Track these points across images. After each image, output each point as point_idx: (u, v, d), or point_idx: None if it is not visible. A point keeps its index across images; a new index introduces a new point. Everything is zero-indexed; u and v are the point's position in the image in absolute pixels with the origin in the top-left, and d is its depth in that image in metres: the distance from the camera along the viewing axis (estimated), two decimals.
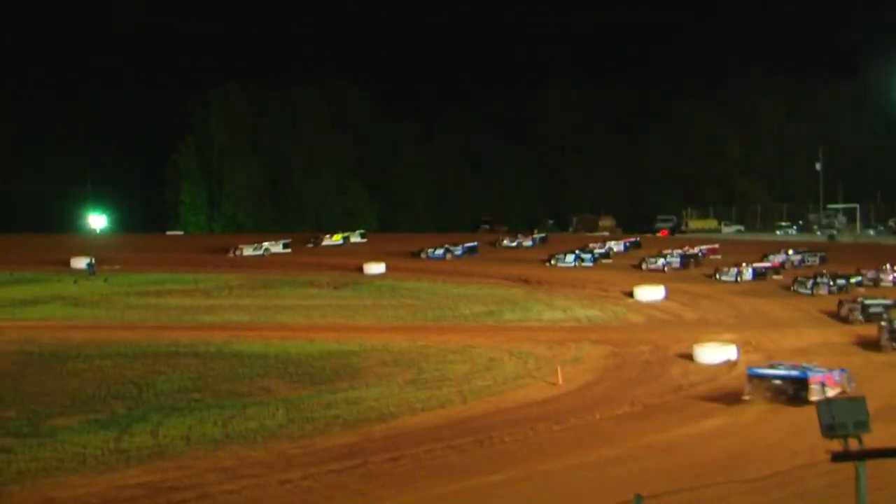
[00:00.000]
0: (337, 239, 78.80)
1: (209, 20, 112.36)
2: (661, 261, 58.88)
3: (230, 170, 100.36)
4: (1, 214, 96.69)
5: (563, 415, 26.26)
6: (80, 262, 64.21)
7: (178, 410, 26.46)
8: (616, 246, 68.08)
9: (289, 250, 73.03)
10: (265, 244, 73.85)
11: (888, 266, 49.75)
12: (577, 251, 64.15)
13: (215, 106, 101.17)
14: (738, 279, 52.48)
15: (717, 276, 53.17)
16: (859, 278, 48.44)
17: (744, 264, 54.21)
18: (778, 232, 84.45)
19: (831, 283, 46.87)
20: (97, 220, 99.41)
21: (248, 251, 72.54)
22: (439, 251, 69.30)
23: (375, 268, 61.25)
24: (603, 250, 65.36)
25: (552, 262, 62.82)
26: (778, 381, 26.92)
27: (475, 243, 71.76)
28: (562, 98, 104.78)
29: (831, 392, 26.13)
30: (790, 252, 59.41)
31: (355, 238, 79.76)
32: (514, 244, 73.59)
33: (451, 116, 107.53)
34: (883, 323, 34.53)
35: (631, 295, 47.90)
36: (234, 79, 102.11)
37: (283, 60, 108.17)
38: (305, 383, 30.16)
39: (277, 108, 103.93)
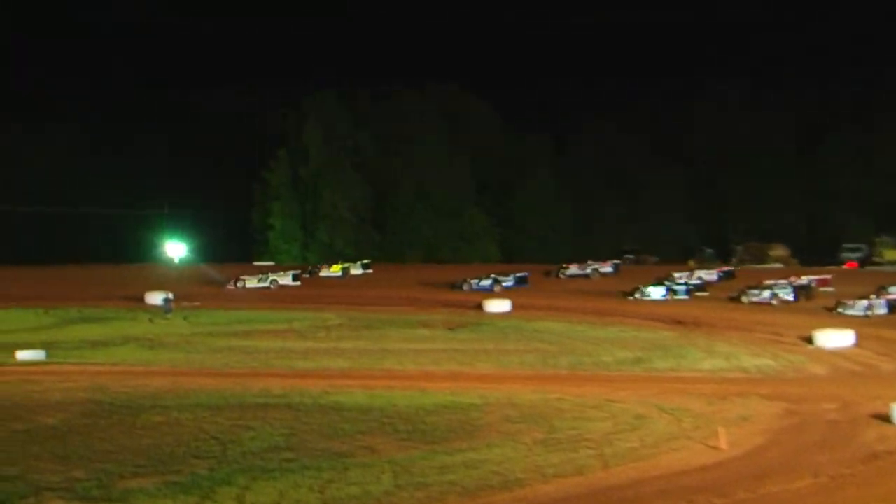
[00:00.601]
0: (336, 270, 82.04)
1: (300, 20, 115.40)
2: (765, 293, 59.28)
3: (327, 189, 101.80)
4: (67, 242, 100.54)
5: (727, 486, 25.43)
6: (155, 298, 66.16)
7: (267, 472, 26.64)
8: (707, 276, 69.40)
9: (298, 283, 76.19)
10: (271, 276, 76.76)
11: None
12: (665, 282, 65.21)
13: (310, 115, 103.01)
14: (869, 313, 52.98)
15: (840, 310, 53.88)
16: None
17: (872, 296, 54.46)
18: None
19: None
20: (175, 249, 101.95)
21: (251, 283, 75.45)
22: (486, 282, 71.12)
23: (498, 305, 61.31)
24: (697, 281, 66.70)
25: (636, 295, 64.23)
26: None
27: (525, 273, 73.30)
28: (720, 104, 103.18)
29: None
30: None
31: (356, 269, 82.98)
32: (585, 272, 75.71)
33: (586, 127, 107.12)
34: None
35: (809, 340, 46.78)
36: (330, 85, 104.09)
37: (386, 64, 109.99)
38: (416, 442, 30.03)
39: (382, 118, 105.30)
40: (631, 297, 64.13)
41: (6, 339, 50.98)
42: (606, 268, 76.85)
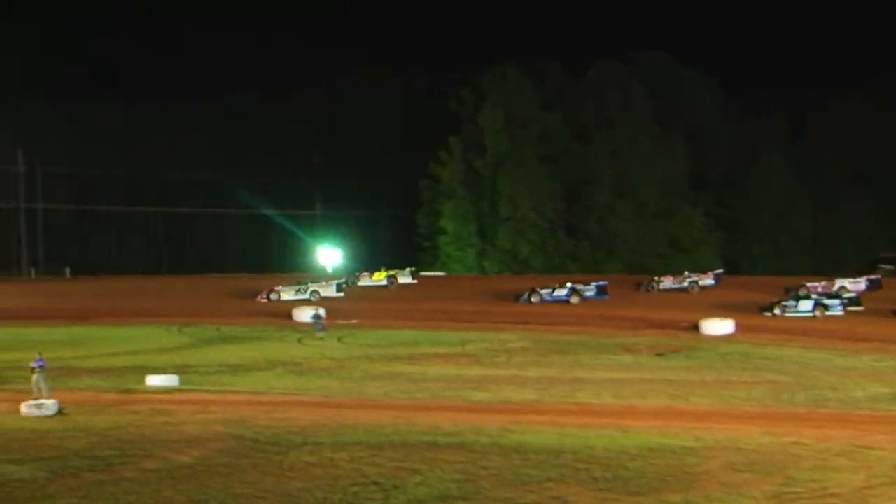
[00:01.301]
0: (379, 278, 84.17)
1: None
2: None
3: (508, 185, 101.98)
4: (204, 248, 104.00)
5: None
6: (305, 314, 67.61)
7: None
8: (852, 285, 71.62)
9: (342, 294, 78.64)
10: (311, 286, 79.08)
11: None
12: (813, 296, 67.38)
13: (488, 95, 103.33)
14: None
15: None
16: None
17: None
18: None
19: None
20: (329, 256, 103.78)
21: (287, 294, 77.60)
22: (562, 292, 73.60)
23: (718, 326, 60.37)
24: (852, 294, 68.49)
25: (775, 311, 66.11)
26: None
27: (604, 282, 76.48)
28: None
29: None
30: None
31: (404, 277, 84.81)
32: (682, 285, 78.55)
33: (832, 105, 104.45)
34: None
35: None
36: (513, 58, 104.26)
37: (581, 31, 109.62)
38: (617, 493, 29.72)
39: (575, 98, 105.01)
40: (769, 314, 66.52)
41: (135, 362, 52.84)
42: (707, 280, 79.81)
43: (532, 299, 74.05)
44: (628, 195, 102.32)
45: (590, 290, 74.34)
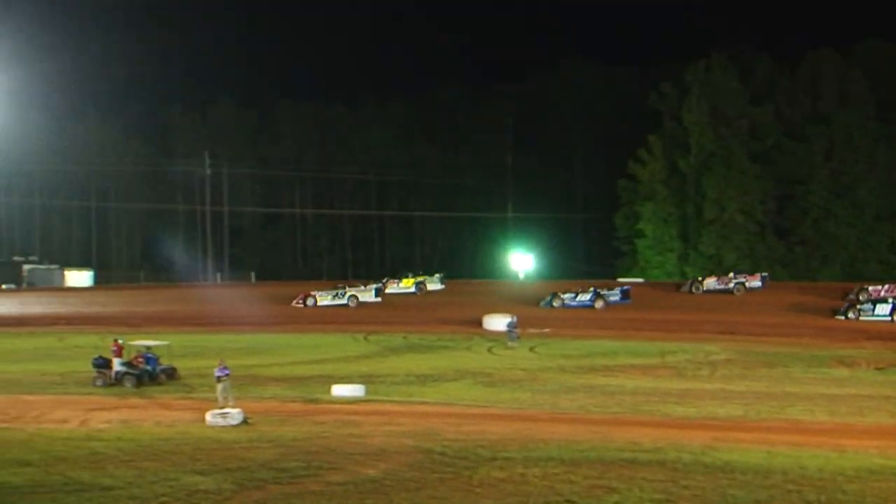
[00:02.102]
0: (408, 285, 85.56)
1: None
2: None
3: (714, 185, 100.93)
4: (387, 252, 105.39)
5: None
6: (497, 322, 67.98)
7: None
8: None
9: (379, 299, 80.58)
10: (349, 290, 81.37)
11: None
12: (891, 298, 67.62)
13: (692, 88, 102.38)
14: None
15: None
16: None
17: None
18: None
19: None
20: (521, 261, 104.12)
21: (324, 300, 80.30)
22: (585, 296, 76.20)
23: None
24: None
25: (849, 314, 68.32)
26: None
27: (627, 286, 79.18)
28: None
29: None
30: None
31: (434, 284, 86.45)
32: (727, 286, 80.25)
33: None
34: None
35: None
36: (719, 47, 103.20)
37: (791, 21, 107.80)
38: None
39: (787, 92, 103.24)
40: (841, 317, 67.87)
41: (321, 370, 54.00)
42: (755, 281, 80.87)
43: (554, 303, 76.45)
44: (846, 196, 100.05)
45: (614, 295, 76.80)
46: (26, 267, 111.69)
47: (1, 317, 79.52)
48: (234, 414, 38.63)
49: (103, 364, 49.79)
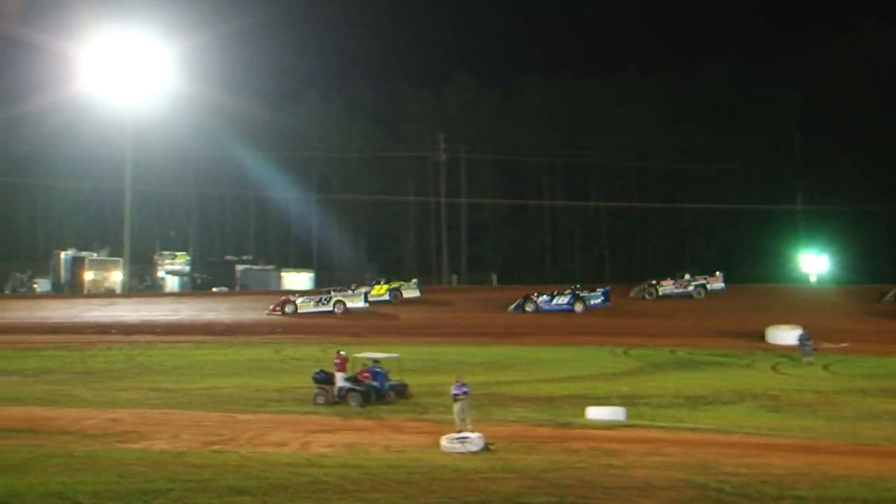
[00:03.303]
0: (380, 292, 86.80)
1: None
2: None
3: None
4: (659, 248, 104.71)
5: None
6: (785, 335, 67.42)
7: None
8: None
9: (367, 305, 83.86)
10: (335, 296, 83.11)
11: None
12: None
13: None
14: None
15: None
16: None
17: None
18: None
19: None
20: (814, 262, 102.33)
21: (306, 307, 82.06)
22: (562, 299, 78.90)
23: None
24: None
25: None
26: None
27: (605, 288, 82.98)
28: None
29: None
30: None
31: (410, 291, 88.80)
32: (686, 290, 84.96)
33: None
34: None
35: None
36: None
37: None
38: None
39: None
40: None
41: (573, 390, 53.76)
42: (717, 283, 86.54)
43: (527, 308, 78.38)
44: None
45: (597, 298, 79.32)
46: (239, 267, 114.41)
47: (210, 323, 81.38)
48: (474, 439, 38.44)
49: (325, 379, 50.42)
